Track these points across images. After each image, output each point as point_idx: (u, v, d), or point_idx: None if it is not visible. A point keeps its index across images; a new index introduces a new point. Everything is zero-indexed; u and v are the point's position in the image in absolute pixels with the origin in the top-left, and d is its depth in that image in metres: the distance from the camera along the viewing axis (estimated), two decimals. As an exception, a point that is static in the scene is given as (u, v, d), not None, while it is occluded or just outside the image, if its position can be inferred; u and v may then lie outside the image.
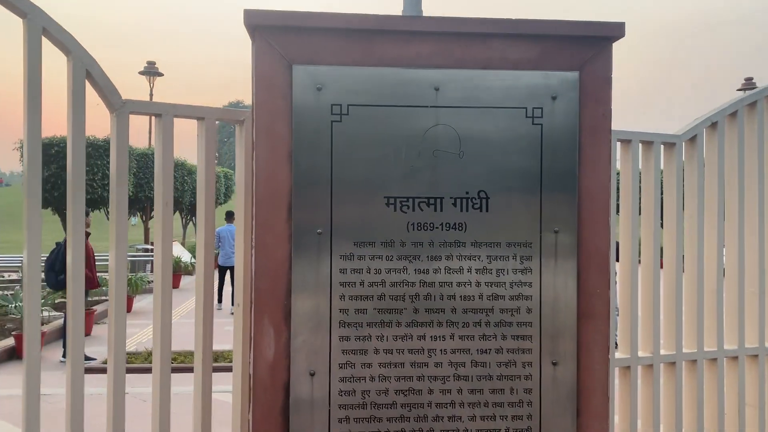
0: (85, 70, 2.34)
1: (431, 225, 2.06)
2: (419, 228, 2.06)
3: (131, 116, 2.46)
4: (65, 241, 2.63)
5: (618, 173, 3.30)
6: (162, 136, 2.52)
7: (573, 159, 2.09)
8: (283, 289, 2.02)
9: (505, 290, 2.07)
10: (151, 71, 23.36)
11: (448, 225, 2.06)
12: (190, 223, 26.37)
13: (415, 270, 2.05)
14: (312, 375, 2.01)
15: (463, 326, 2.06)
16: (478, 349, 2.06)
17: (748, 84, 27.37)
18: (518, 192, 2.08)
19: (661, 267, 3.42)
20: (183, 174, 22.09)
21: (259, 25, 1.99)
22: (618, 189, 3.37)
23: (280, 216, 2.03)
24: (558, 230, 2.09)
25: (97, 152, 16.00)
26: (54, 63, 2.67)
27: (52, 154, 15.20)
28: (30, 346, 2.22)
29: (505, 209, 2.07)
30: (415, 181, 2.05)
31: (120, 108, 2.42)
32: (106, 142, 15.99)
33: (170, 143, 2.55)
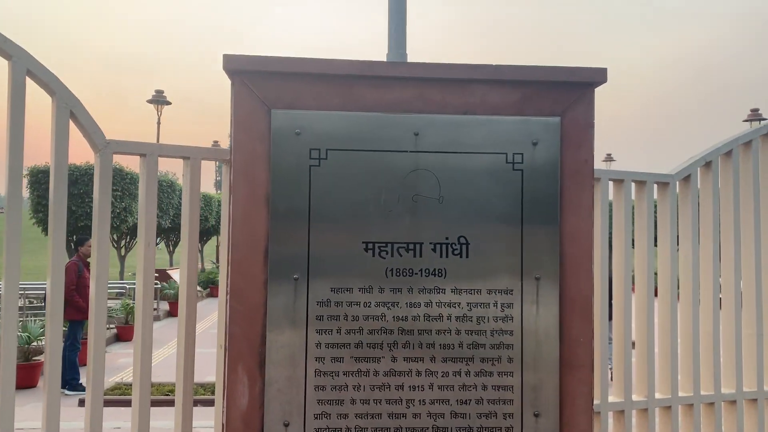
0: (69, 111, 2.35)
1: (410, 271, 2.03)
2: (398, 274, 2.02)
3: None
4: (65, 269, 2.61)
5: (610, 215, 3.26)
6: (147, 175, 2.51)
7: (554, 205, 2.06)
8: (258, 336, 1.98)
9: (485, 338, 2.03)
10: (159, 100, 23.66)
11: (427, 271, 2.03)
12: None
13: (394, 317, 2.01)
14: (286, 426, 1.96)
15: (442, 376, 2.01)
16: (457, 399, 2.01)
17: (754, 115, 27.34)
18: (499, 238, 2.05)
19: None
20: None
21: (238, 69, 1.99)
22: (611, 229, 3.33)
23: (256, 260, 2.00)
24: (539, 277, 2.05)
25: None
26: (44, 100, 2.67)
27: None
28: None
29: (485, 255, 2.04)
30: (395, 226, 2.03)
31: (104, 148, 2.42)
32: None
33: (154, 183, 2.54)
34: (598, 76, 2.09)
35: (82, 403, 7.37)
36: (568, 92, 2.08)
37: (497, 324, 2.03)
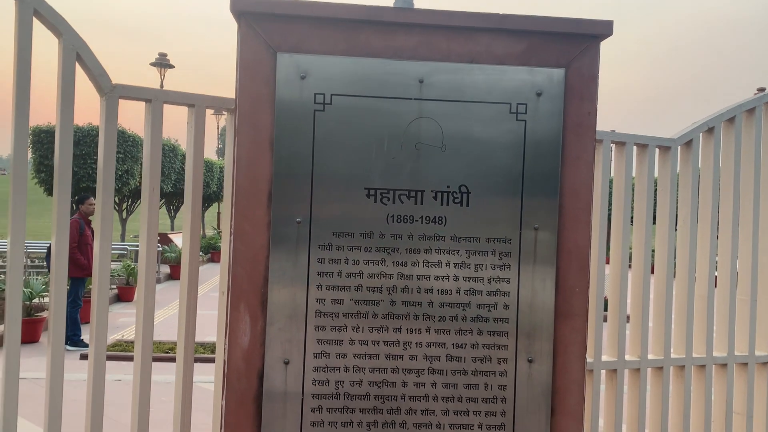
0: (76, 53, 2.35)
1: (411, 218, 2.06)
2: (399, 221, 2.05)
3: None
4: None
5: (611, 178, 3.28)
6: (151, 122, 2.53)
7: (556, 156, 2.08)
8: (261, 277, 2.02)
9: (482, 286, 2.07)
10: (162, 63, 23.45)
11: (428, 218, 2.06)
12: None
13: (394, 262, 2.05)
14: (286, 364, 2.01)
15: (439, 320, 2.06)
16: (453, 344, 2.06)
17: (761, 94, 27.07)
18: (499, 187, 2.07)
19: (652, 272, 3.40)
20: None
21: (245, 11, 1.99)
22: (611, 192, 3.35)
23: (259, 204, 2.03)
24: (538, 227, 2.08)
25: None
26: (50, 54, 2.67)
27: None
28: (10, 331, 2.23)
29: (485, 204, 2.07)
30: (397, 173, 2.05)
31: (110, 92, 2.43)
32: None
33: (159, 129, 2.55)
34: (604, 28, 2.09)
35: (83, 357, 7.48)
36: (574, 44, 2.08)
37: (494, 272, 2.07)
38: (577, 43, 2.08)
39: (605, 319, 3.39)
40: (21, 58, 2.24)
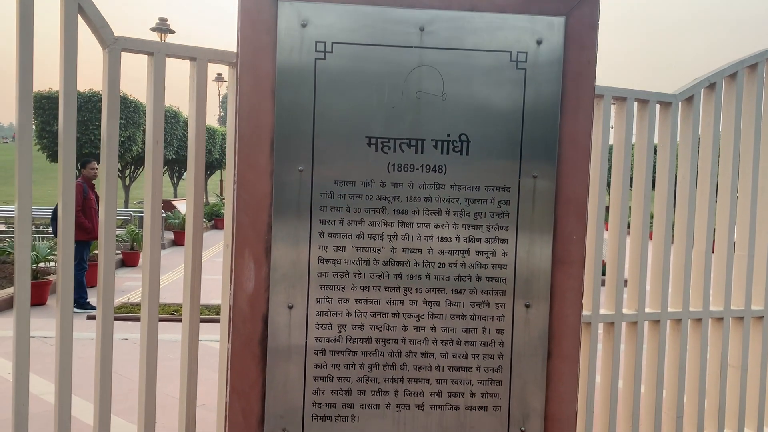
0: (77, 4, 2.36)
1: (411, 167, 2.09)
2: (400, 169, 2.08)
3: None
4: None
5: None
6: (154, 75, 2.54)
7: (556, 105, 2.10)
8: (264, 224, 2.06)
9: (481, 233, 2.11)
10: (162, 28, 23.20)
11: (428, 167, 2.09)
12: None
13: (394, 211, 2.09)
14: (290, 308, 2.07)
15: (439, 267, 2.10)
16: (452, 290, 2.11)
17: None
18: (499, 136, 2.09)
19: (651, 229, 3.43)
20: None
21: (245, -41, 1.99)
22: (611, 148, 3.37)
23: (262, 152, 2.06)
24: (537, 176, 2.11)
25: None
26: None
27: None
28: (21, 294, 2.28)
29: (485, 153, 2.09)
30: (397, 121, 2.07)
31: (112, 44, 2.44)
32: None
33: (161, 82, 2.57)
34: (605, -24, 2.08)
35: (90, 318, 7.61)
36: (574, -8, 2.08)
37: (493, 220, 2.11)
38: (578, -9, 2.08)
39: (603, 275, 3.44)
40: (23, 12, 2.24)
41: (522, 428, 2.14)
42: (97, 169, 8.22)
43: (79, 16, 2.38)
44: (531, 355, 2.13)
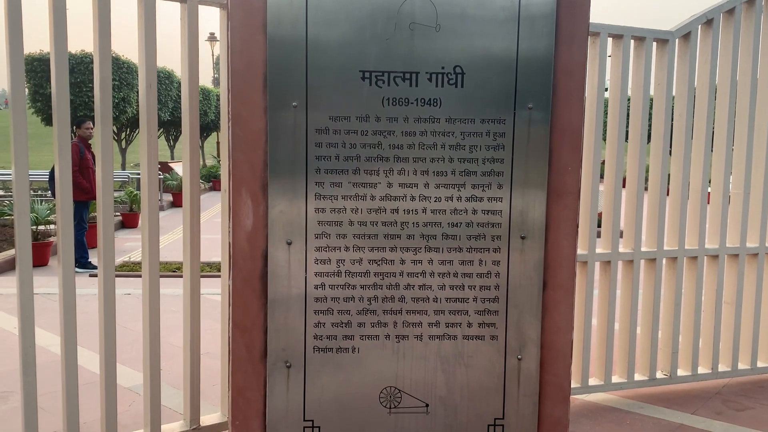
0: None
1: (406, 100, 2.08)
2: (394, 103, 2.08)
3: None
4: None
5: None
6: (142, 12, 2.51)
7: (550, 35, 2.08)
8: (260, 161, 2.07)
9: (477, 166, 2.11)
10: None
11: (423, 101, 2.08)
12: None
13: (390, 145, 2.09)
14: (289, 244, 2.09)
15: (435, 200, 2.12)
16: (449, 222, 2.13)
17: None
18: (494, 68, 2.08)
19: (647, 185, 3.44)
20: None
21: None
22: (608, 87, 3.35)
23: (255, 88, 2.05)
24: (532, 107, 2.10)
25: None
26: None
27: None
28: (22, 252, 2.29)
29: (480, 85, 2.09)
30: (391, 55, 2.06)
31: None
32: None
33: (152, 25, 2.54)
34: None
35: (93, 276, 7.67)
36: None
37: (489, 152, 2.11)
38: None
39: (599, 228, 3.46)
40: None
41: (519, 356, 2.19)
42: (92, 128, 8.16)
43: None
44: (527, 286, 2.16)
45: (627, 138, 3.32)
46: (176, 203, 15.89)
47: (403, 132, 2.09)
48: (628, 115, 3.34)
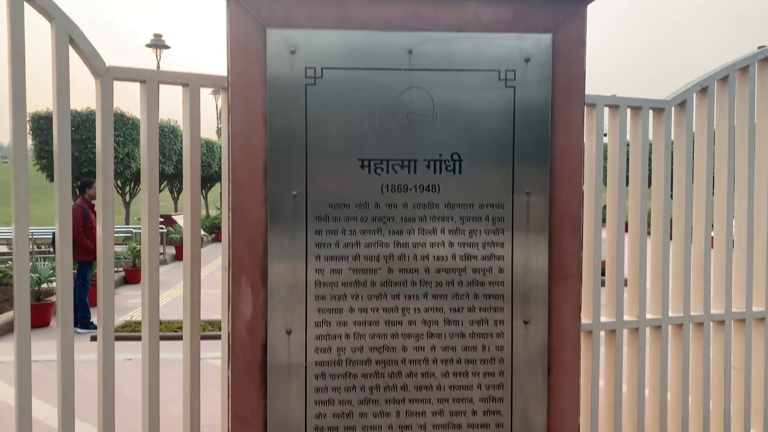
0: (68, 36, 2.38)
1: (405, 187, 2.10)
2: (393, 190, 2.09)
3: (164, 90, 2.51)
4: (73, 210, 2.63)
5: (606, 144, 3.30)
6: (147, 102, 2.56)
7: (546, 121, 2.11)
8: (260, 250, 2.07)
9: (477, 251, 2.11)
10: (157, 44, 23.30)
11: (421, 187, 2.10)
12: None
13: (390, 231, 2.10)
14: (289, 333, 2.07)
15: (436, 286, 2.11)
16: (450, 308, 2.11)
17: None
18: (491, 154, 2.10)
19: (648, 234, 3.44)
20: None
21: (232, -12, 2.01)
22: (605, 156, 3.38)
23: (255, 178, 2.07)
24: (530, 192, 2.11)
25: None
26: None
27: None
28: (20, 315, 2.29)
29: (478, 171, 2.10)
30: (389, 143, 2.08)
31: (104, 74, 2.45)
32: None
33: (155, 109, 2.58)
34: (591, -9, 2.10)
35: (94, 339, 7.61)
36: (560, 9, 2.09)
37: (489, 237, 2.12)
38: (564, 8, 2.09)
39: (603, 284, 3.44)
40: (14, 45, 2.26)
41: (525, 444, 2.15)
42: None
43: (70, 46, 2.40)
44: (531, 371, 2.13)
45: (626, 219, 3.33)
46: (179, 257, 15.88)
47: (403, 218, 2.10)
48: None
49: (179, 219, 18.82)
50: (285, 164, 2.06)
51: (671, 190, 3.43)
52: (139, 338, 2.74)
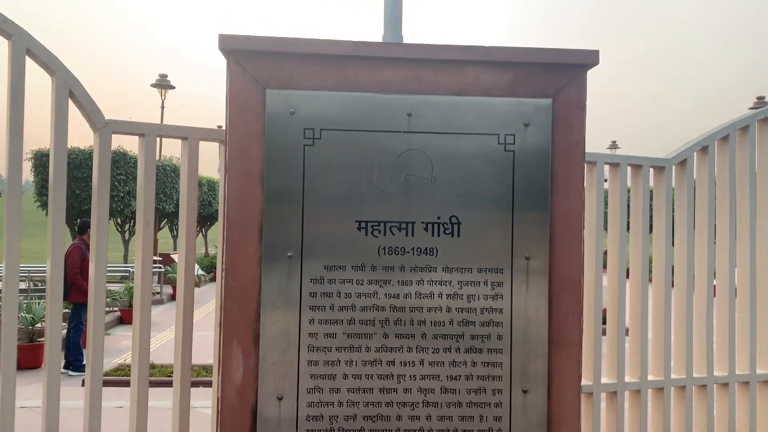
0: (68, 90, 2.38)
1: (402, 249, 2.06)
2: (390, 252, 2.06)
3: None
4: (67, 251, 2.59)
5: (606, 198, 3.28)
6: (144, 155, 2.55)
7: (545, 185, 2.09)
8: (253, 311, 2.02)
9: (475, 316, 2.06)
10: (162, 84, 23.63)
11: (419, 250, 2.06)
12: (199, 234, 26.37)
13: (386, 294, 2.05)
14: (280, 399, 2.01)
15: (433, 352, 2.05)
16: (447, 376, 2.05)
17: (761, 103, 27.10)
18: (490, 217, 2.08)
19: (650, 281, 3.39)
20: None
21: (233, 49, 2.02)
22: (606, 213, 3.35)
23: (250, 237, 2.03)
24: (529, 256, 2.08)
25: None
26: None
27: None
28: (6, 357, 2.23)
29: (476, 234, 2.07)
30: (387, 205, 2.06)
31: (102, 128, 2.45)
32: (115, 153, 16.13)
33: (152, 163, 2.57)
34: (590, 58, 2.10)
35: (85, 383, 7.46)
36: (560, 74, 2.10)
37: (487, 302, 2.07)
38: (564, 73, 2.10)
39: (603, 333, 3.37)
40: (14, 98, 2.26)
41: None
42: None
43: (70, 100, 2.40)
44: (530, 443, 2.06)
45: (627, 275, 3.29)
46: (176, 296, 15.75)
47: (400, 281, 2.06)
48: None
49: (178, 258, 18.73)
50: (281, 224, 2.03)
51: (672, 243, 3.39)
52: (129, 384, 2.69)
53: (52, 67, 2.36)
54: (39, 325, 9.10)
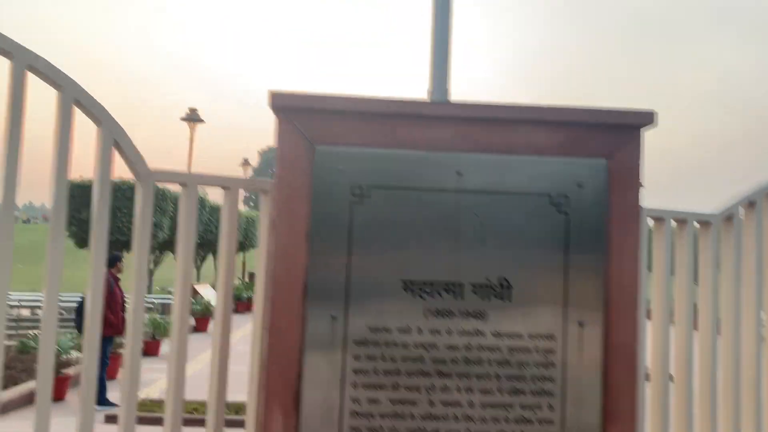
0: (113, 140, 2.38)
1: (450, 312, 1.99)
2: (437, 315, 1.99)
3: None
4: None
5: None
6: (186, 203, 2.53)
7: (600, 247, 2.02)
8: (294, 373, 1.96)
9: (526, 384, 1.98)
10: (192, 117, 24.07)
11: (467, 313, 1.99)
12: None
13: (432, 359, 1.98)
14: (321, 466, 1.93)
15: (480, 421, 1.96)
16: (495, 447, 1.96)
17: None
18: (542, 281, 2.01)
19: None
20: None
21: (284, 106, 2.00)
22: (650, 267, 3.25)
23: (295, 296, 1.99)
24: (583, 323, 2.00)
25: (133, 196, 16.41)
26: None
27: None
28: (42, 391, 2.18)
29: (527, 299, 2.00)
30: (435, 266, 2.00)
31: (146, 177, 2.44)
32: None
33: (194, 210, 2.56)
34: (646, 118, 2.05)
35: (108, 419, 7.41)
36: (615, 134, 2.04)
37: (538, 370, 1.98)
38: (619, 134, 2.04)
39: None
40: (61, 146, 2.27)
41: None
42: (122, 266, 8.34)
43: (114, 149, 2.40)
44: None
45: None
46: (199, 328, 15.75)
47: (447, 345, 1.99)
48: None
49: (201, 289, 18.81)
50: (326, 284, 1.98)
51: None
52: (155, 420, 2.62)
53: (99, 117, 2.37)
54: (64, 356, 9.13)
